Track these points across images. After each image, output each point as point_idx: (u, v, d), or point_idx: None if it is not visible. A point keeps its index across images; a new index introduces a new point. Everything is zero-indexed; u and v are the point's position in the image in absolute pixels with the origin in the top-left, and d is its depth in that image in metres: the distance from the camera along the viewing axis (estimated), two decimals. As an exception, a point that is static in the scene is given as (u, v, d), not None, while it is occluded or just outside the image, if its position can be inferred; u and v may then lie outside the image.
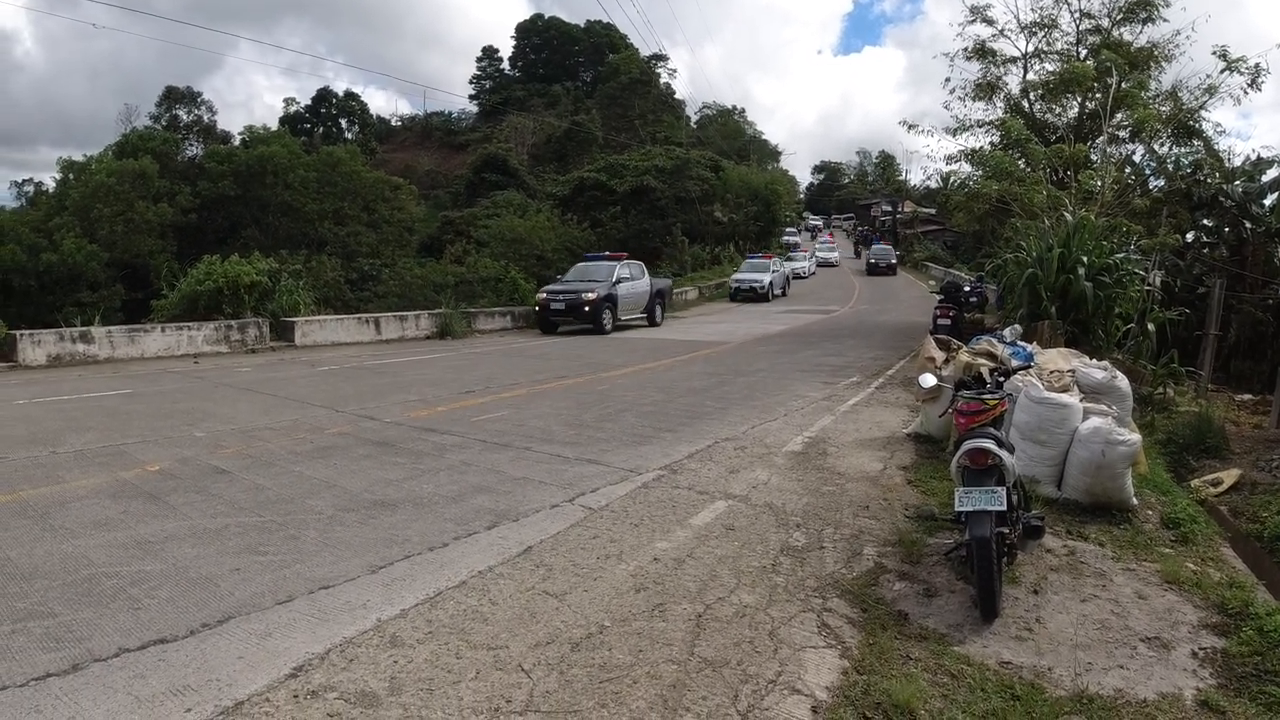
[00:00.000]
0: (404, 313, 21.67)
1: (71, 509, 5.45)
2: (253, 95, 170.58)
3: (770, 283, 35.90)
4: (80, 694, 3.11)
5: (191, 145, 62.92)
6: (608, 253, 26.40)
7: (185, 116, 67.02)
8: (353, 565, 4.49)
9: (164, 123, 65.04)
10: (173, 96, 67.35)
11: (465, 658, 3.48)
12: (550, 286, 22.95)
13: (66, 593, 4.06)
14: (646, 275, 24.54)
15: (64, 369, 13.54)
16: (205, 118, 68.10)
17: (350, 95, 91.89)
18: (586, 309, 21.24)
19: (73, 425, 8.31)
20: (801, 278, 47.98)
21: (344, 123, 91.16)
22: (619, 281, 22.61)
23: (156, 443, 7.55)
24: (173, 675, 3.27)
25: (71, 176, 48.57)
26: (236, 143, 59.58)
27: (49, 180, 61.74)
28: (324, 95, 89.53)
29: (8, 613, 3.81)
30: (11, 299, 36.60)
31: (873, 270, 52.77)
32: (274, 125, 73.13)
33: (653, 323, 24.16)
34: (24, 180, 76.23)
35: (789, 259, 51.39)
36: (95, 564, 4.45)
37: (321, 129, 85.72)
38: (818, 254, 61.28)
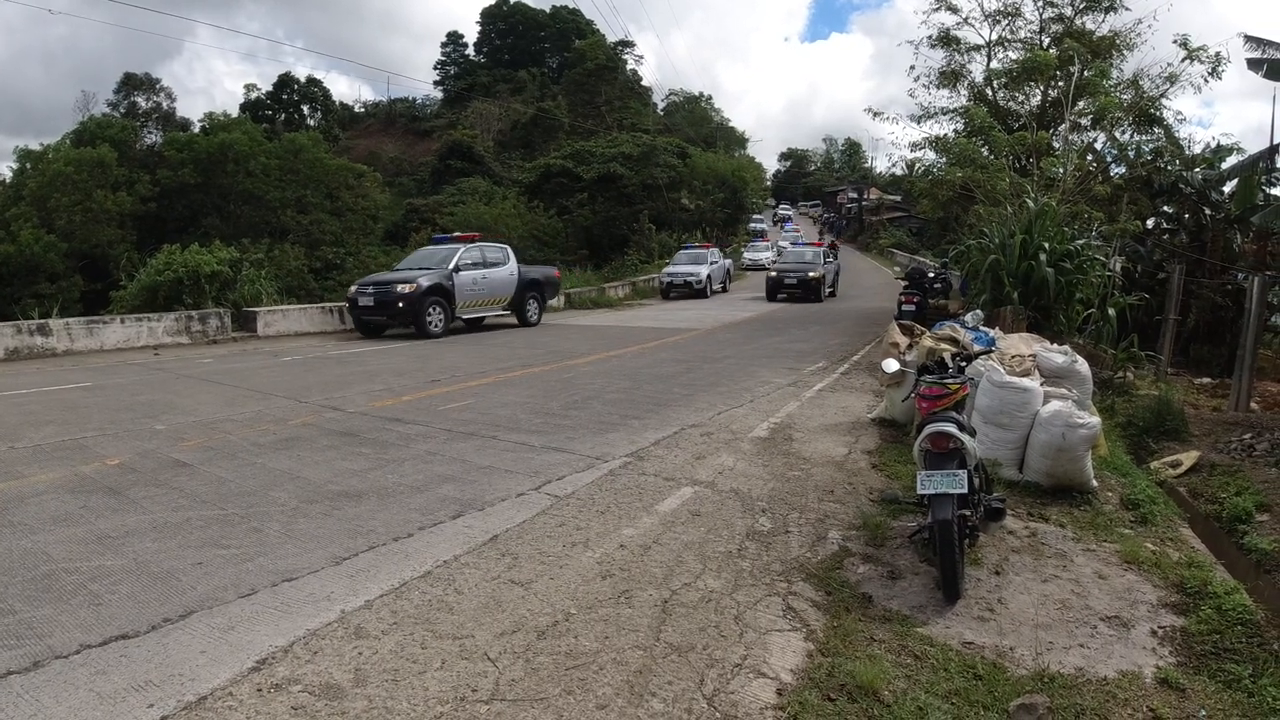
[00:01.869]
0: (369, 302, 21.44)
1: (30, 504, 5.36)
2: (213, 81, 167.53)
3: (708, 276, 31.51)
4: (42, 691, 3.07)
5: (151, 133, 61.86)
6: (457, 233, 21.84)
7: (144, 103, 65.92)
8: (316, 557, 4.45)
9: (122, 110, 63.89)
10: (131, 83, 66.16)
11: (431, 648, 3.47)
12: (370, 277, 18.75)
13: (26, 589, 4.00)
14: (513, 261, 19.77)
15: (21, 363, 13.28)
16: (164, 105, 67.09)
17: (312, 81, 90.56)
18: (401, 305, 16.55)
19: (30, 420, 8.16)
20: (765, 269, 44.33)
21: (306, 109, 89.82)
22: (460, 269, 17.83)
23: (116, 436, 7.44)
24: (135, 671, 3.23)
25: (28, 166, 47.46)
26: (197, 130, 58.57)
27: (5, 170, 60.32)
28: (285, 81, 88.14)
29: (-37, 610, 3.73)
30: (-33, 292, 35.85)
31: (777, 292, 28.98)
32: (235, 112, 71.92)
33: (524, 321, 19.95)
34: (-22, 169, 74.45)
35: (750, 247, 51.01)
36: (55, 560, 4.38)
37: (283, 115, 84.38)
38: (782, 242, 60.11)
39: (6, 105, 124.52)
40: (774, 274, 29.72)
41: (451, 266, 17.78)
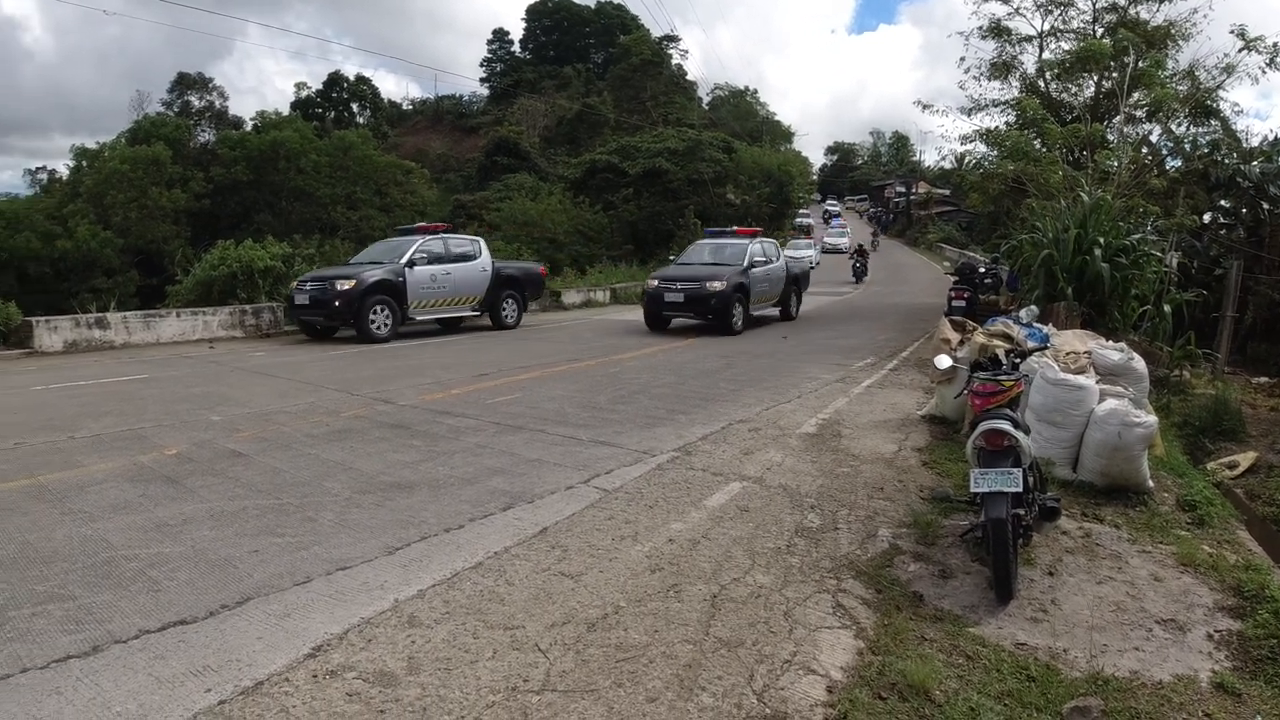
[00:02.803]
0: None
1: (90, 493, 5.50)
2: (264, 80, 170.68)
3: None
4: (101, 675, 3.15)
5: (204, 131, 63.03)
6: (420, 224, 18.89)
7: (197, 102, 67.12)
8: (370, 546, 4.52)
9: (176, 109, 65.16)
10: (184, 82, 67.43)
11: (482, 637, 3.50)
12: (314, 272, 16.67)
13: (86, 575, 4.10)
14: (485, 256, 17.50)
15: (80, 355, 13.63)
16: (217, 103, 68.21)
17: (361, 79, 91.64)
18: (337, 304, 14.56)
19: (89, 410, 8.37)
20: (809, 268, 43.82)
21: (355, 107, 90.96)
22: (414, 263, 15.70)
23: (173, 427, 7.61)
24: (193, 656, 3.30)
25: (85, 164, 48.75)
26: (249, 128, 59.63)
27: (62, 168, 62.08)
28: (335, 79, 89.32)
29: (28, 596, 3.85)
30: (27, 286, 36.81)
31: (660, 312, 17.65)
32: (286, 110, 73.24)
33: (499, 324, 17.64)
34: (38, 168, 76.57)
35: (792, 245, 46.17)
36: (114, 547, 4.49)
37: (333, 113, 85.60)
38: (826, 240, 57.49)
39: (64, 105, 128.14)
40: (653, 285, 17.31)
41: (404, 261, 15.61)
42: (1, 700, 2.96)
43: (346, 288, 14.59)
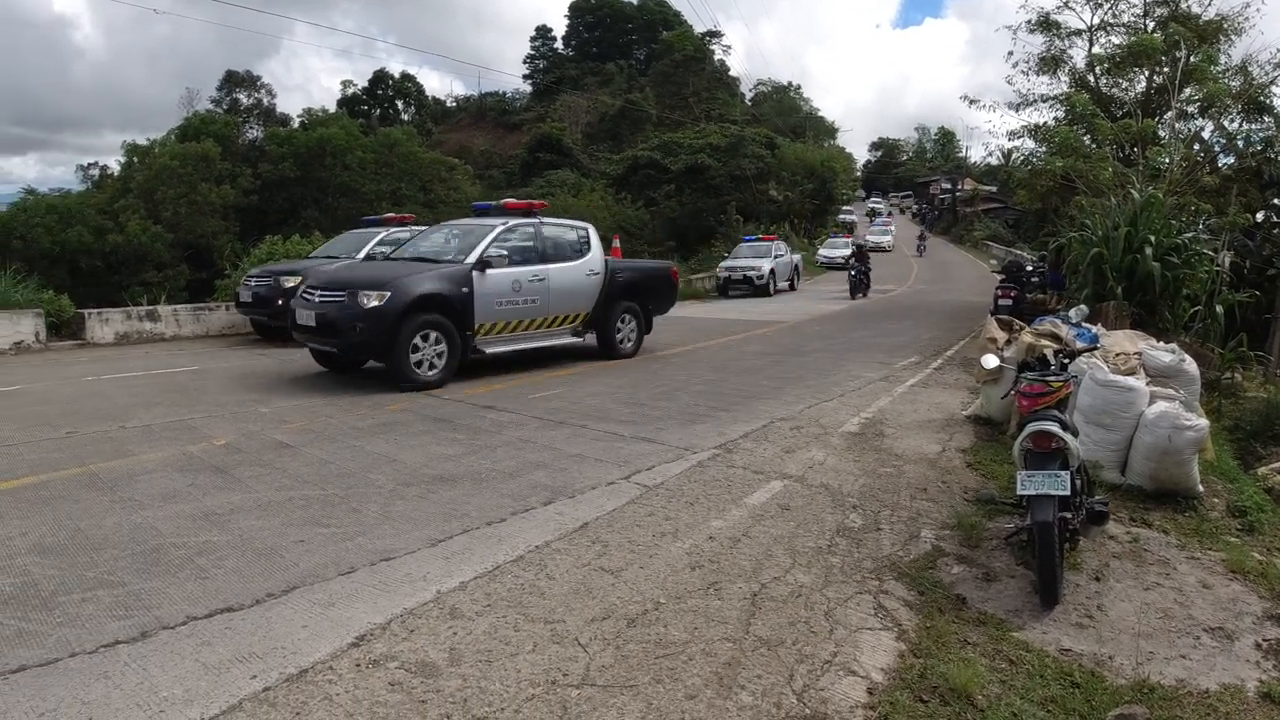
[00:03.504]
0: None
1: (140, 481, 5.62)
2: (310, 78, 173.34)
3: (771, 271, 28.18)
4: (148, 660, 3.21)
5: (252, 128, 63.96)
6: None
7: (245, 100, 68.17)
8: (413, 538, 4.57)
9: (225, 106, 66.22)
10: (233, 80, 68.54)
11: (523, 631, 3.53)
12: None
13: (135, 562, 4.19)
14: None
15: (131, 346, 13.94)
16: (265, 101, 69.24)
17: (406, 77, 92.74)
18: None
19: (140, 401, 8.56)
20: (843, 268, 39.27)
21: (400, 104, 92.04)
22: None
23: (222, 418, 7.75)
24: (239, 643, 3.36)
25: (135, 160, 49.70)
26: (296, 125, 60.49)
27: (114, 164, 63.24)
28: (380, 77, 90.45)
29: (78, 582, 3.94)
30: (79, 279, 37.52)
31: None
32: (332, 107, 74.25)
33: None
34: (89, 164, 78.10)
35: (829, 244, 45.70)
36: (163, 534, 4.59)
37: (378, 110, 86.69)
38: (868, 238, 53.38)
39: (115, 102, 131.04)
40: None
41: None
42: (51, 684, 3.03)
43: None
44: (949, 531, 5.05)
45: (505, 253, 10.38)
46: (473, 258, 10.14)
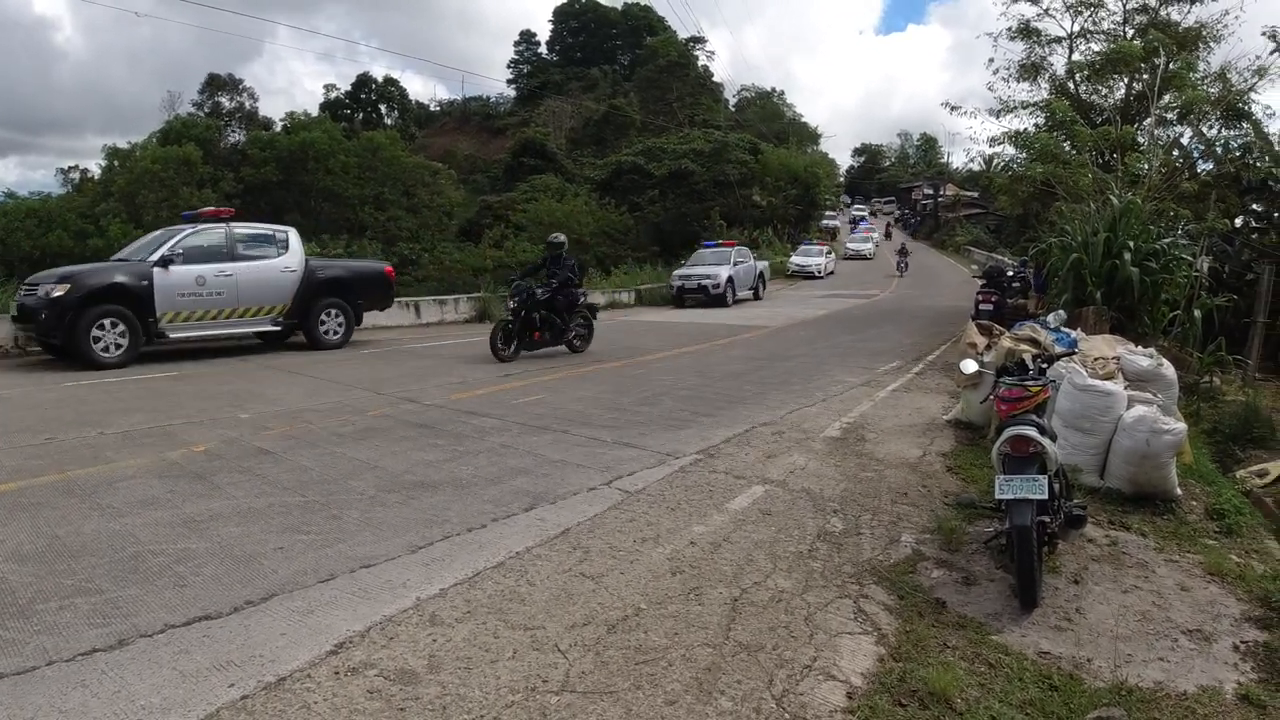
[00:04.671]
0: (443, 297, 21.82)
1: (119, 488, 5.57)
2: (293, 82, 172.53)
3: (729, 280, 26.40)
4: (126, 669, 3.19)
5: (234, 132, 63.82)
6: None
7: (227, 103, 68.08)
8: (393, 545, 4.55)
9: (207, 110, 66.05)
10: (215, 84, 68.38)
11: (503, 637, 3.52)
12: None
13: (113, 570, 4.15)
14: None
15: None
16: (247, 104, 69.24)
17: (389, 81, 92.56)
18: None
19: (120, 407, 8.49)
20: (816, 277, 39.85)
21: (384, 108, 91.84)
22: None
23: (202, 424, 7.70)
24: (217, 651, 3.34)
25: (117, 163, 49.34)
26: (278, 129, 60.25)
27: (94, 167, 62.87)
28: (364, 81, 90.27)
29: (55, 589, 3.90)
30: (60, 283, 37.25)
31: None
32: (315, 111, 73.98)
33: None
34: (70, 167, 77.65)
35: (801, 251, 43.43)
36: (141, 542, 4.54)
37: (361, 115, 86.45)
38: (848, 245, 54.26)
39: (96, 105, 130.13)
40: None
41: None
42: (28, 692, 3.00)
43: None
44: (929, 535, 5.07)
45: (183, 252, 12.19)
46: (155, 256, 12.04)
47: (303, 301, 13.63)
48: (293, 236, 13.93)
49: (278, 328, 13.63)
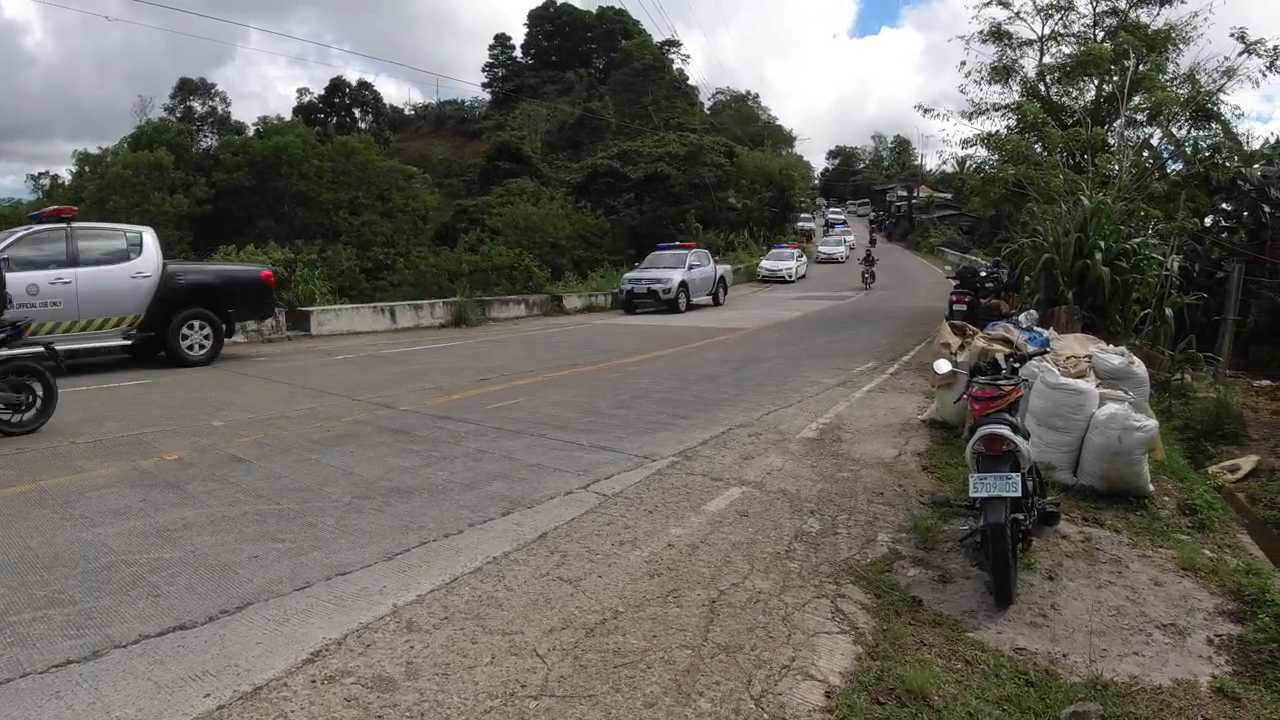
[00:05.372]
0: (419, 301, 21.68)
1: (91, 498, 5.50)
2: (266, 86, 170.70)
3: (682, 285, 24.53)
4: (100, 680, 3.15)
5: (206, 136, 63.38)
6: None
7: (199, 108, 67.57)
8: (369, 552, 4.52)
9: (178, 114, 65.51)
10: (187, 88, 67.80)
11: (481, 643, 3.51)
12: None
13: (86, 580, 4.10)
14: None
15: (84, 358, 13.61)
16: (219, 109, 68.75)
17: (364, 85, 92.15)
18: None
19: (91, 415, 8.38)
20: (787, 281, 38.66)
21: (358, 112, 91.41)
22: None
23: (175, 432, 7.61)
24: (192, 661, 3.31)
25: (87, 169, 49.05)
26: (251, 133, 59.87)
27: (65, 173, 62.25)
28: (337, 85, 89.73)
29: (28, 601, 3.85)
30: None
31: None
32: (288, 115, 73.75)
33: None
34: (40, 173, 76.63)
35: (773, 255, 42.12)
36: (115, 552, 4.50)
37: (335, 119, 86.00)
38: (821, 249, 52.81)
39: (66, 110, 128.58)
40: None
41: None
42: (2, 704, 2.96)
43: None
44: (905, 534, 5.10)
45: (10, 257, 10.46)
46: None
47: (160, 312, 11.97)
48: (147, 237, 12.19)
49: (128, 341, 11.96)
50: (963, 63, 21.59)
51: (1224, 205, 18.22)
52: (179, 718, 2.91)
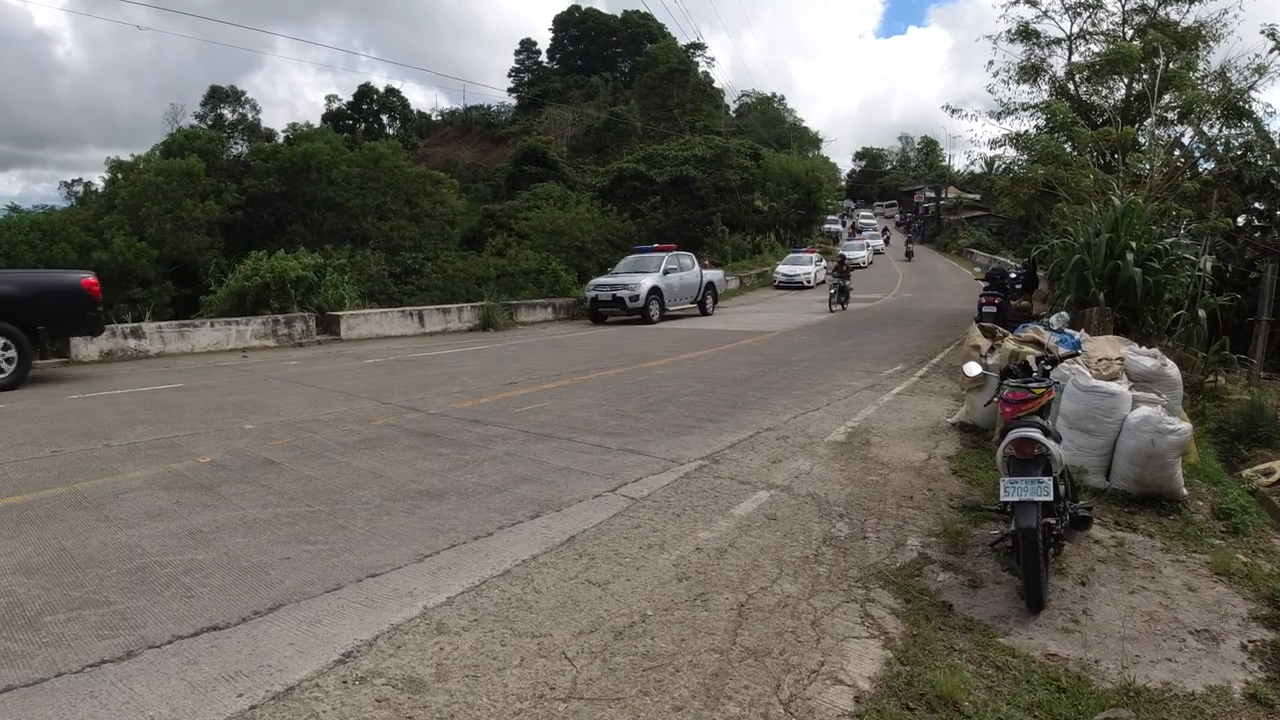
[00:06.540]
0: (446, 305, 21.84)
1: (125, 500, 5.58)
2: (295, 93, 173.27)
3: (653, 290, 22.55)
4: (134, 680, 3.20)
5: (237, 143, 64.06)
6: None
7: (230, 115, 68.33)
8: (399, 554, 4.56)
9: (209, 121, 66.32)
10: (217, 95, 68.65)
11: (510, 645, 3.52)
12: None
13: (121, 581, 4.16)
14: None
15: (116, 364, 13.84)
16: (249, 116, 69.48)
17: (391, 91, 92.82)
18: None
19: (126, 419, 8.50)
20: (805, 287, 37.31)
21: (385, 118, 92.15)
22: None
23: (208, 435, 7.71)
24: (225, 661, 3.35)
25: (120, 176, 49.62)
26: (281, 140, 60.49)
27: (98, 180, 63.28)
28: (365, 92, 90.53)
29: (64, 601, 3.91)
30: (64, 296, 37.35)
31: None
32: (317, 122, 74.53)
33: None
34: (73, 180, 78.22)
35: (790, 259, 40.95)
36: (149, 553, 4.56)
37: (363, 125, 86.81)
38: (841, 253, 48.99)
39: (99, 118, 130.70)
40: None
41: None
42: (37, 704, 3.01)
43: None
44: (935, 539, 5.07)
45: None
46: None
47: None
48: None
49: None
50: (990, 62, 21.33)
51: (1257, 204, 17.93)
52: (212, 717, 2.94)
